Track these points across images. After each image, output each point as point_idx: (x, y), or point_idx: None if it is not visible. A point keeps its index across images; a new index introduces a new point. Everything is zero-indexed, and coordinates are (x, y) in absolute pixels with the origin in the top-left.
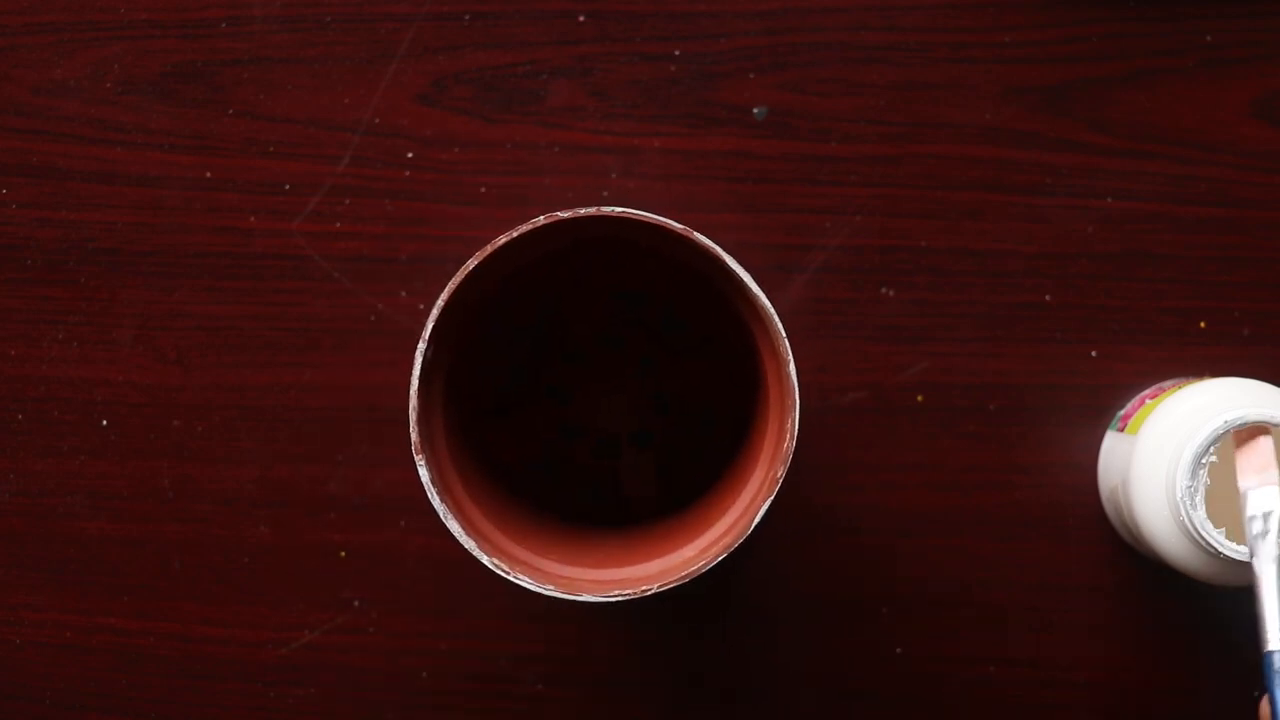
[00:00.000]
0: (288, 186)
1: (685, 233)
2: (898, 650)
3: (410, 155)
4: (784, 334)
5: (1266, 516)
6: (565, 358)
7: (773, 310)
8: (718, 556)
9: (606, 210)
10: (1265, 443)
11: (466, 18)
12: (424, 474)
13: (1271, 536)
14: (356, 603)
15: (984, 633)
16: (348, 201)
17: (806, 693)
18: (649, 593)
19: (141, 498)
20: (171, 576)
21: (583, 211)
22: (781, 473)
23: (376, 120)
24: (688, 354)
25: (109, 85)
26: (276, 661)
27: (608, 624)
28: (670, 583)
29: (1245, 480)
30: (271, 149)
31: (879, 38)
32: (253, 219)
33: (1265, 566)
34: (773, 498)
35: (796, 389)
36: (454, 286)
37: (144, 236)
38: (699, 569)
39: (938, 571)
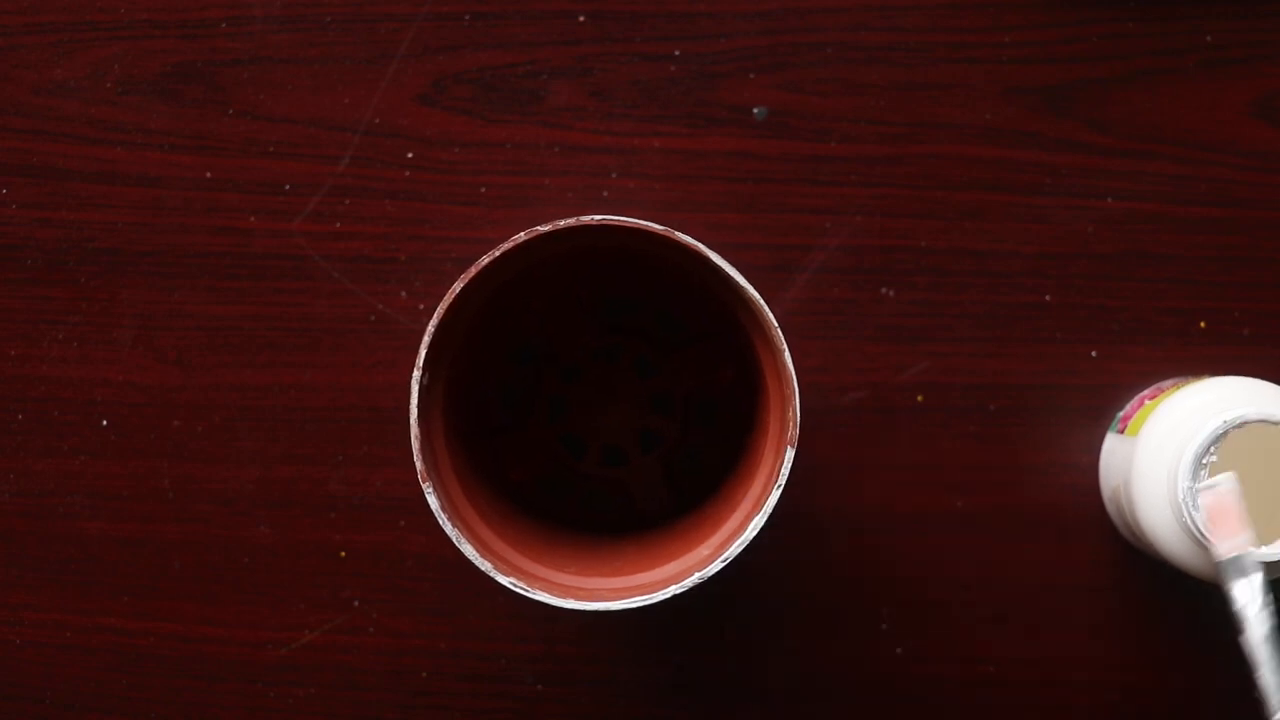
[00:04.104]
0: (288, 186)
1: (666, 233)
2: (898, 650)
3: (410, 155)
4: (776, 323)
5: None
6: (564, 369)
7: (762, 300)
8: (733, 551)
9: (587, 220)
10: (1230, 498)
11: (466, 18)
12: (433, 501)
13: (1258, 606)
14: (356, 603)
15: (984, 633)
16: (348, 201)
17: (806, 693)
18: (670, 595)
19: (141, 498)
20: (171, 576)
21: (563, 223)
22: (788, 461)
23: (376, 120)
24: (685, 355)
25: (109, 85)
26: (276, 661)
27: (607, 624)
28: (689, 583)
29: (1221, 546)
30: (271, 149)
31: (879, 38)
32: (253, 219)
33: (1260, 642)
34: (781, 488)
35: (794, 377)
36: (443, 310)
37: (144, 236)
38: (716, 566)
39: (938, 571)
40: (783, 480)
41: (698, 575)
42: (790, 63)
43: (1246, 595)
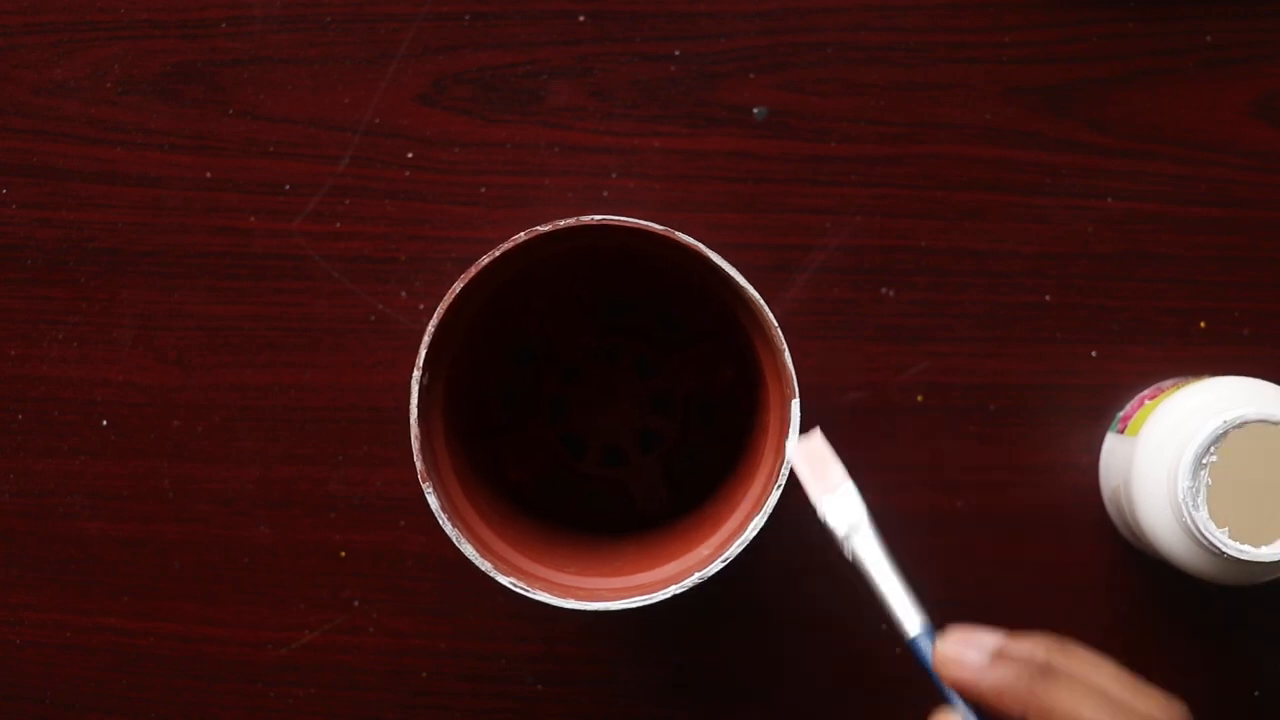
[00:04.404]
0: (288, 186)
1: (666, 233)
2: (898, 650)
3: (410, 155)
4: (775, 323)
5: (851, 521)
6: (564, 369)
7: (761, 300)
8: (733, 551)
9: (587, 220)
10: (818, 446)
11: (466, 18)
12: (433, 501)
13: (865, 529)
14: (356, 603)
15: None
16: (348, 201)
17: (806, 693)
18: (670, 595)
19: (141, 498)
20: (171, 576)
21: (563, 223)
22: (787, 462)
23: (376, 120)
24: (685, 355)
25: (109, 85)
26: (276, 661)
27: (607, 624)
28: (689, 583)
29: (814, 491)
30: (271, 149)
31: (879, 38)
32: (253, 219)
33: (874, 560)
34: (781, 488)
35: (794, 377)
36: (443, 310)
37: (144, 236)
38: (716, 566)
39: (938, 571)
40: (783, 480)
41: (698, 575)
42: (790, 63)
43: (848, 521)
